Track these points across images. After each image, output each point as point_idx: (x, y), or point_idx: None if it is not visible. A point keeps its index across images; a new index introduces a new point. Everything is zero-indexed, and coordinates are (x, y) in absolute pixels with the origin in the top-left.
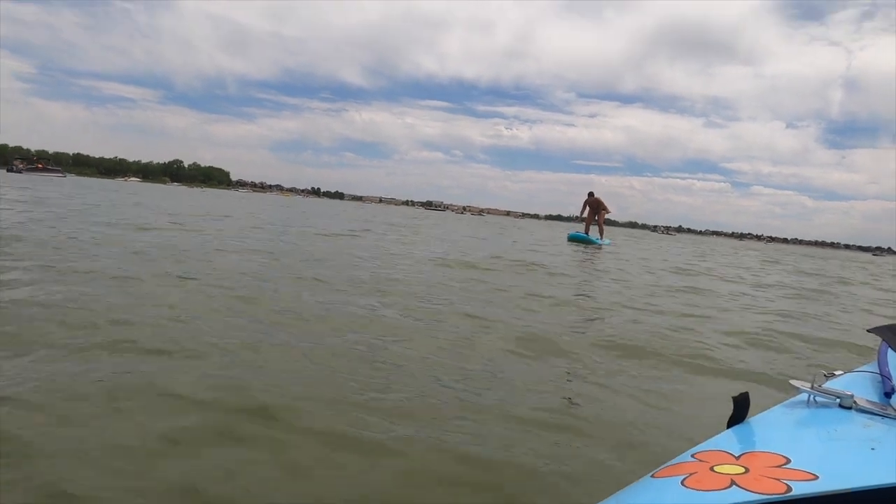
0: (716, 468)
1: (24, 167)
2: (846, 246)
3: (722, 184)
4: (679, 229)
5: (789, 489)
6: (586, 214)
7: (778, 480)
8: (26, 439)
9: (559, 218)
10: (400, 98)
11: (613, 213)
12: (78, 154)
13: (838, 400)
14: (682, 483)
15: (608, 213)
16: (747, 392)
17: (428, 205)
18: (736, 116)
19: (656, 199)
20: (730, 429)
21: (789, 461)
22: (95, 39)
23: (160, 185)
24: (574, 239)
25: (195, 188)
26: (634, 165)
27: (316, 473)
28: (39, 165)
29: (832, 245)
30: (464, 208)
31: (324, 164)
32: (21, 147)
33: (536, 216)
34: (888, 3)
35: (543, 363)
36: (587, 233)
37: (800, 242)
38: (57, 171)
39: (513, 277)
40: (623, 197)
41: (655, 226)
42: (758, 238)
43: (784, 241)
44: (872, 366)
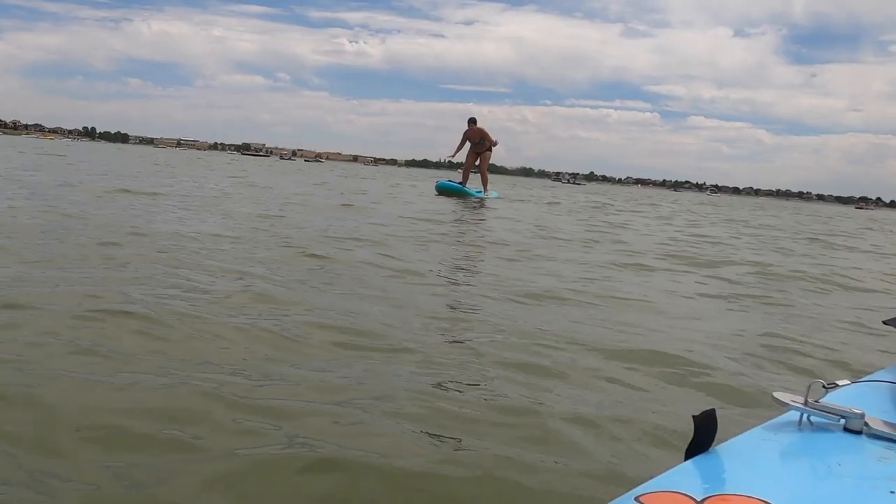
0: None
1: None
2: (819, 196)
3: (648, 114)
4: (591, 177)
5: None
6: (465, 155)
7: None
8: None
9: (425, 164)
10: (203, 1)
11: (500, 154)
12: None
13: (843, 420)
14: None
15: (494, 146)
16: (713, 409)
17: (245, 148)
18: (665, 21)
19: (559, 137)
20: (689, 460)
21: None
22: None
23: None
24: (445, 190)
25: None
26: (527, 91)
27: None
28: None
29: (800, 195)
30: (293, 152)
31: (100, 95)
32: None
33: (394, 162)
34: None
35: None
36: (465, 181)
37: (756, 193)
38: None
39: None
40: (513, 134)
41: (558, 173)
42: (699, 187)
43: (735, 192)
44: (890, 372)
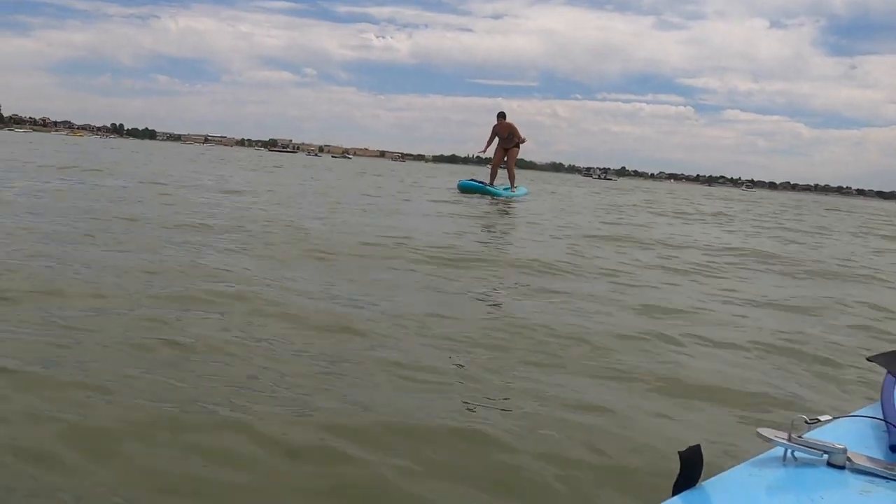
0: None
1: None
2: (859, 191)
3: (682, 107)
4: (622, 172)
5: None
6: (493, 151)
7: None
8: None
9: (453, 160)
10: None
11: (530, 149)
12: None
13: (826, 456)
14: None
15: (522, 143)
16: (699, 445)
17: (272, 144)
18: (700, 13)
19: (590, 131)
20: (677, 495)
21: None
22: None
23: None
24: (467, 189)
25: None
26: (557, 84)
27: None
28: None
29: (839, 190)
30: (320, 148)
31: (128, 92)
32: None
33: (422, 157)
34: None
35: None
36: (493, 178)
37: (793, 187)
38: None
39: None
40: (543, 128)
41: (589, 168)
42: (734, 182)
43: (771, 187)
44: (873, 409)
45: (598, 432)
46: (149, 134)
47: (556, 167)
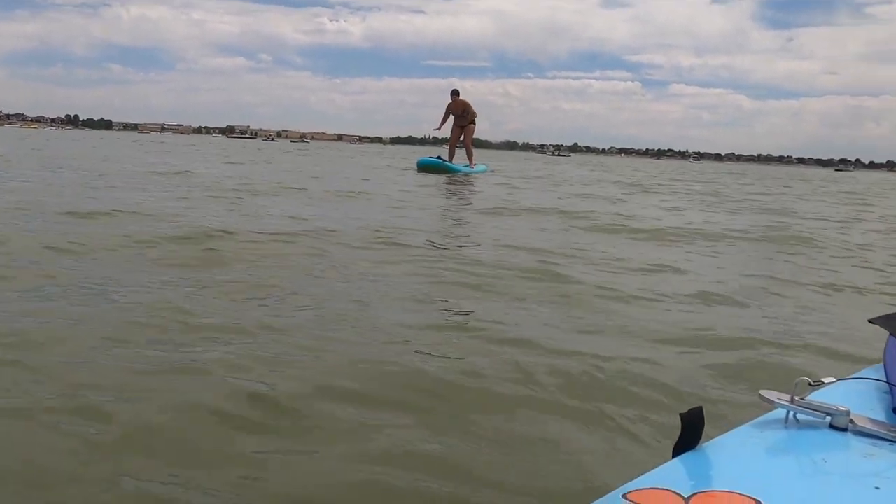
0: None
1: None
2: (800, 160)
3: (629, 83)
4: (574, 148)
5: None
6: (450, 130)
7: None
8: None
9: (410, 141)
10: None
11: (484, 128)
12: None
13: (828, 418)
14: None
15: (474, 115)
16: (700, 407)
17: (230, 131)
18: None
19: (541, 109)
20: (676, 458)
21: None
22: None
23: None
24: (427, 167)
25: None
26: (509, 64)
27: None
28: None
29: (781, 159)
30: (278, 133)
31: (81, 82)
32: None
33: (379, 140)
34: None
35: None
36: (452, 156)
37: (738, 158)
38: None
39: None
40: (495, 107)
41: (542, 145)
42: (682, 155)
43: (717, 158)
44: (875, 370)
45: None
46: (104, 124)
47: (511, 146)
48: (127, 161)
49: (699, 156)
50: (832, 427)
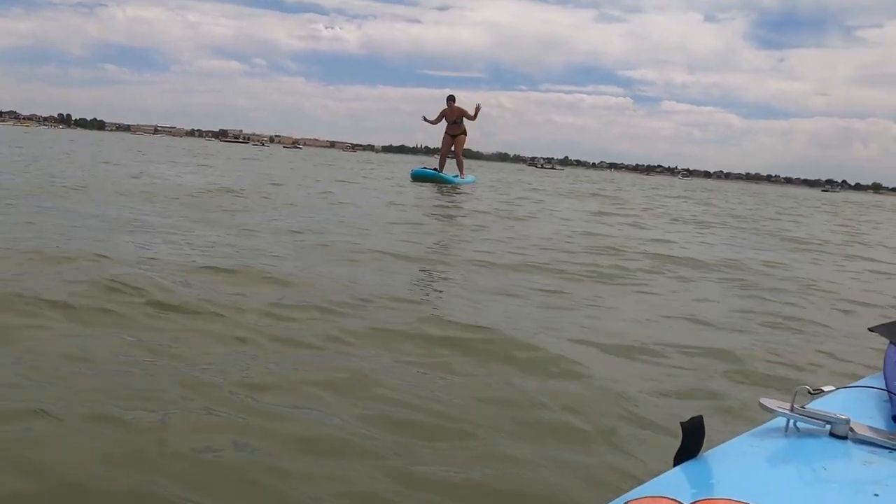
0: None
1: None
2: (787, 179)
3: (621, 98)
4: (565, 162)
5: None
6: (441, 139)
7: None
8: None
9: (402, 150)
10: None
11: (475, 139)
12: None
13: (829, 426)
14: None
15: (473, 118)
16: (701, 416)
17: (222, 135)
18: (637, 6)
19: (533, 122)
20: (678, 466)
21: None
22: None
23: None
24: (420, 178)
25: None
26: (503, 76)
27: None
28: None
29: (769, 178)
30: (271, 138)
31: (75, 81)
32: None
33: (372, 147)
34: None
35: None
36: (442, 166)
37: (726, 176)
38: None
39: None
40: (488, 119)
41: (533, 158)
42: (671, 171)
43: (706, 175)
44: (875, 379)
45: None
46: (97, 124)
47: (502, 157)
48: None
49: (688, 172)
50: (832, 435)
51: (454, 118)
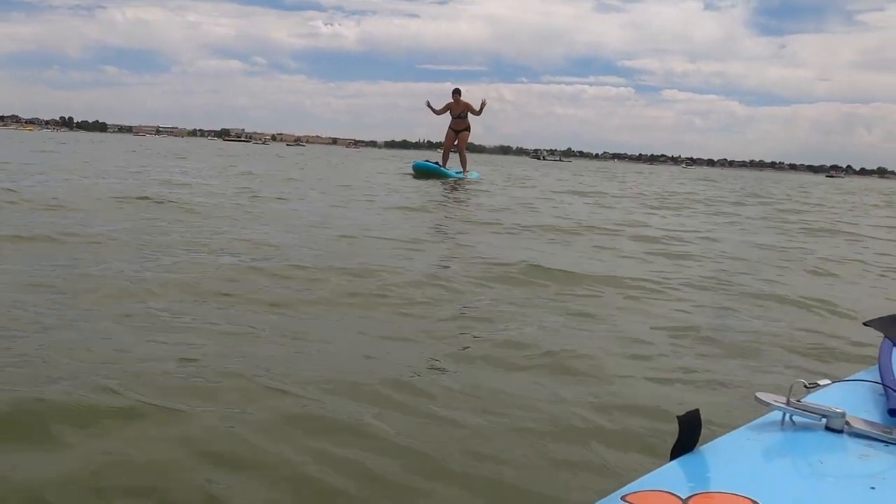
0: None
1: None
2: (792, 166)
3: (622, 88)
4: (568, 153)
5: None
6: (445, 134)
7: None
8: None
9: (404, 145)
10: None
11: (478, 133)
12: None
13: (824, 420)
14: None
15: (476, 113)
16: (698, 409)
17: (224, 134)
18: None
19: (535, 114)
20: (675, 460)
21: None
22: None
23: None
24: (422, 171)
25: None
26: (503, 68)
27: None
28: None
29: (773, 165)
30: (273, 137)
31: (76, 84)
32: None
33: (374, 143)
34: None
35: None
36: (445, 161)
37: (730, 164)
38: None
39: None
40: (490, 112)
41: (536, 150)
42: (674, 160)
43: (710, 164)
44: (870, 373)
45: None
46: (99, 126)
47: (505, 150)
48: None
49: (692, 161)
50: (828, 429)
51: (459, 112)
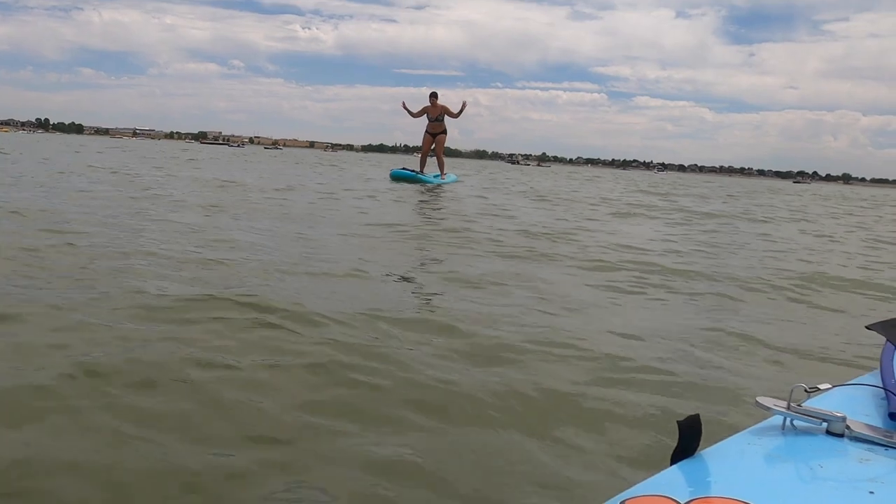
0: None
1: None
2: (760, 172)
3: (596, 94)
4: (543, 158)
5: None
6: (422, 139)
7: None
8: None
9: (381, 149)
10: None
11: (454, 137)
12: None
13: (825, 424)
14: None
15: (454, 116)
16: (698, 414)
17: (202, 137)
18: (609, 4)
19: (510, 119)
20: (675, 465)
21: None
22: None
23: None
24: (399, 178)
25: None
26: (479, 74)
27: None
28: None
29: (742, 171)
30: (250, 139)
31: (52, 86)
32: None
33: (351, 147)
34: None
35: None
36: (423, 166)
37: (700, 170)
38: None
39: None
40: (466, 117)
41: (512, 154)
42: (647, 166)
43: (680, 169)
44: (872, 377)
45: None
46: (76, 128)
47: (480, 154)
48: None
49: (664, 166)
50: (829, 433)
51: (436, 115)
